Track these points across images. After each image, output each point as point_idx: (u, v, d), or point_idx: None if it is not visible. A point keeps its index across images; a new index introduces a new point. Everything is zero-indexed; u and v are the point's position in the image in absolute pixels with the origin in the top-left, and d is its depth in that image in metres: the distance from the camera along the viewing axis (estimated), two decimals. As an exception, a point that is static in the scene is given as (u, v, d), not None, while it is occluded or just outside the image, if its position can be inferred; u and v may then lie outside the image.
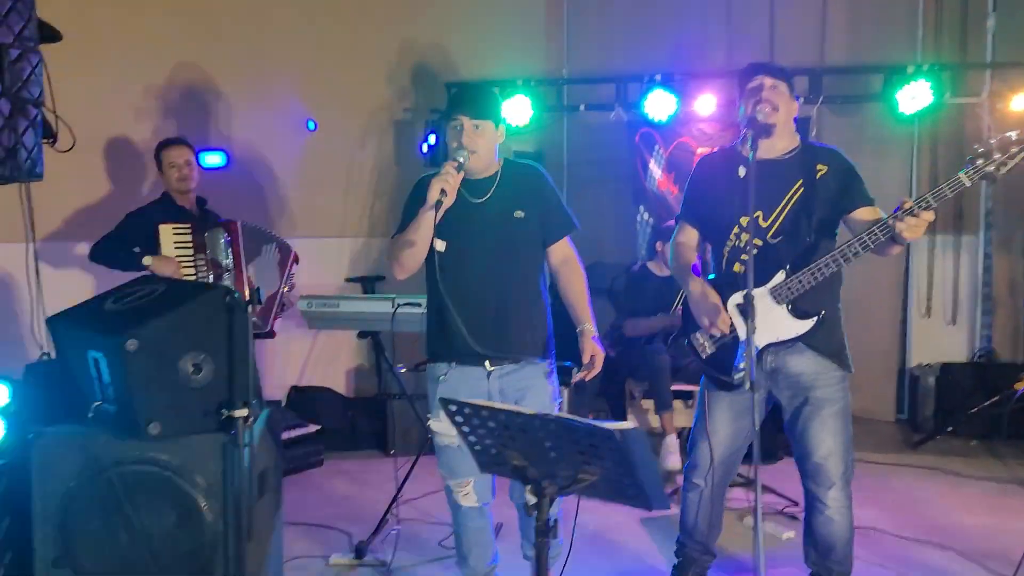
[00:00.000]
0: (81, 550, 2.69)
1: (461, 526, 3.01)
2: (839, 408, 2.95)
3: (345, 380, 6.02)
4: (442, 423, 2.89)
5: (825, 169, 2.97)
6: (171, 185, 4.16)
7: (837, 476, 2.95)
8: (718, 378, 3.04)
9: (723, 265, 3.04)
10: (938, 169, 5.95)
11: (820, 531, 3.00)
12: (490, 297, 2.85)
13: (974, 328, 5.96)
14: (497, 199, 2.87)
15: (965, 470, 4.87)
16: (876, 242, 2.76)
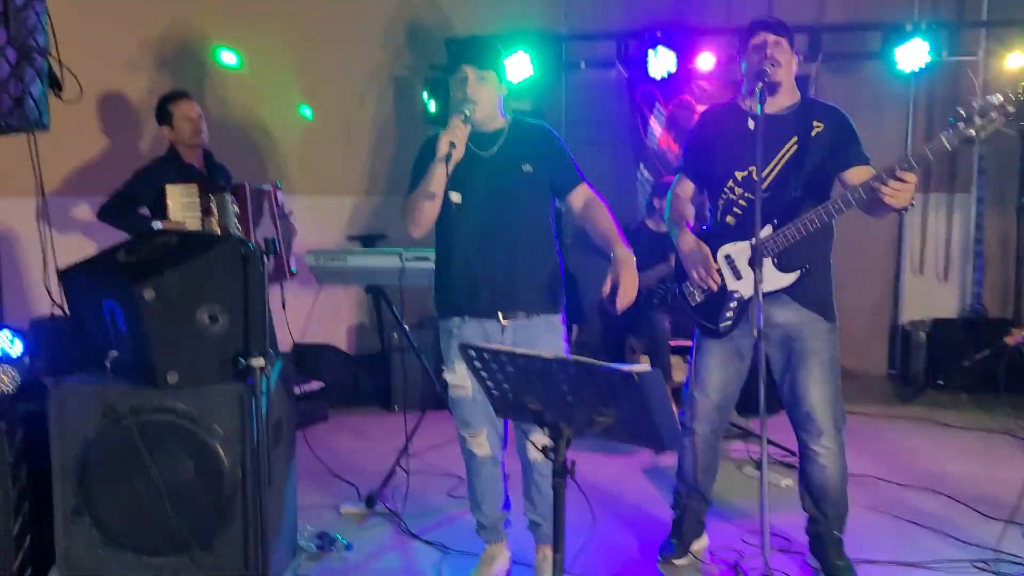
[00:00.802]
0: (99, 499, 2.75)
1: (475, 475, 3.07)
2: (826, 358, 3.02)
3: (347, 337, 6.07)
4: (456, 375, 2.94)
5: (821, 126, 3.01)
6: (184, 139, 4.11)
7: (827, 424, 3.02)
8: (705, 326, 3.11)
9: (717, 217, 3.10)
10: (934, 127, 6.00)
11: (814, 478, 3.08)
12: (499, 250, 2.86)
13: (965, 285, 6.05)
14: (504, 153, 2.88)
15: (955, 421, 4.98)
16: (860, 200, 2.82)
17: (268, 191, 4.10)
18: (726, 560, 3.23)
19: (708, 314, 3.09)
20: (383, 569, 3.21)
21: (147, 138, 4.83)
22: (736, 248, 3.04)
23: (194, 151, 4.16)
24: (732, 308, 3.06)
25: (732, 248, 3.04)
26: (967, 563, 3.16)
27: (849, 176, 3.00)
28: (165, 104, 4.16)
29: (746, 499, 3.83)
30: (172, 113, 4.12)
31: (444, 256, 2.96)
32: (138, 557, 2.76)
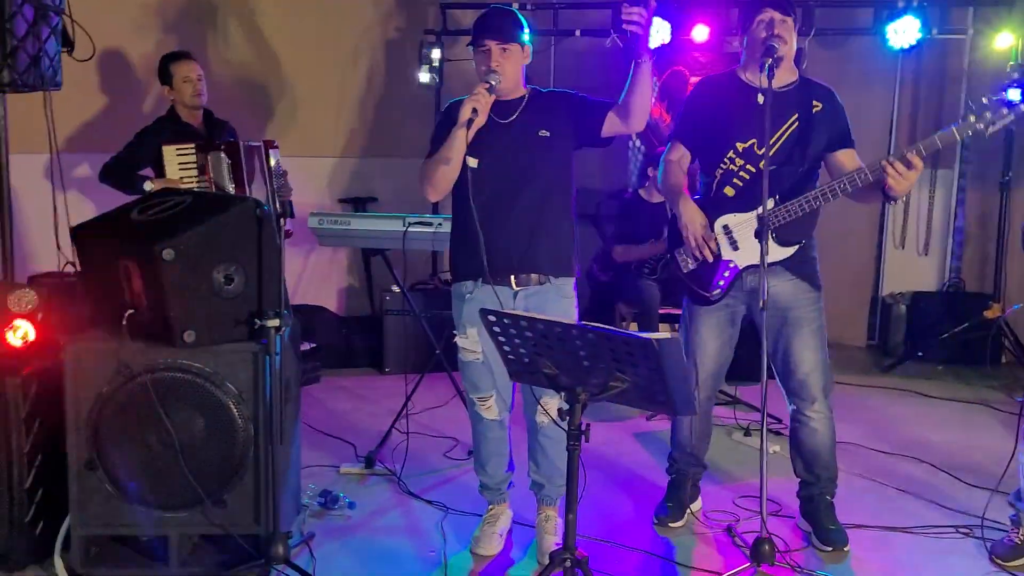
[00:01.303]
0: (113, 453, 2.78)
1: (482, 437, 3.14)
2: (816, 327, 3.12)
3: (337, 299, 6.08)
4: (468, 339, 3.00)
5: (820, 106, 3.09)
6: (184, 100, 4.12)
7: (819, 390, 3.12)
8: (697, 292, 3.18)
9: (713, 187, 3.15)
10: (919, 104, 6.08)
11: (806, 442, 3.18)
12: (514, 215, 2.92)
13: (945, 259, 6.19)
14: (522, 120, 2.93)
15: (933, 392, 5.13)
16: (865, 182, 2.91)
17: (258, 147, 4.10)
18: (719, 523, 3.34)
19: (700, 281, 3.16)
20: (386, 527, 3.28)
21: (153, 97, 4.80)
22: (736, 219, 3.10)
23: (194, 112, 4.16)
24: (725, 277, 3.13)
25: (731, 219, 3.11)
26: (952, 528, 3.30)
27: (836, 159, 3.10)
28: (166, 64, 4.15)
29: (736, 464, 3.95)
30: (172, 74, 4.12)
31: (461, 220, 2.99)
32: (151, 511, 2.80)
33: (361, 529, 3.25)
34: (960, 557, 3.10)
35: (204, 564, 2.87)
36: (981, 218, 6.05)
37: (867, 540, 3.20)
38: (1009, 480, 3.18)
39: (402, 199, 5.85)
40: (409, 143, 6.10)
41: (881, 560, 3.07)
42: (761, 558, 2.86)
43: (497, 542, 3.11)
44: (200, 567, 2.85)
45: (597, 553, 3.03)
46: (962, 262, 6.13)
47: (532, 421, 3.05)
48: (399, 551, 3.09)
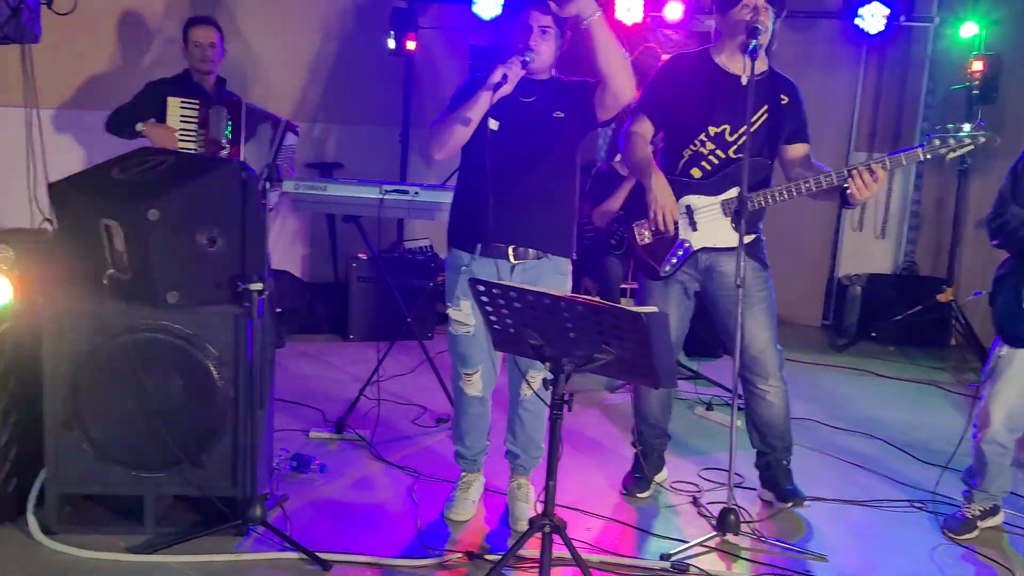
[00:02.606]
0: (90, 413, 2.76)
1: (462, 412, 3.17)
2: (767, 304, 3.22)
3: (300, 265, 6.04)
4: (461, 312, 3.01)
5: (787, 100, 3.17)
6: (192, 63, 4.24)
7: (772, 365, 3.23)
8: (648, 265, 3.25)
9: (679, 166, 3.18)
10: (882, 90, 6.20)
11: (762, 415, 3.29)
12: (520, 186, 2.93)
13: (901, 243, 6.36)
14: (541, 100, 2.96)
15: (885, 371, 5.31)
16: (830, 185, 3.02)
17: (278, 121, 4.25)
18: (685, 494, 3.44)
19: (653, 255, 3.22)
20: (358, 491, 3.31)
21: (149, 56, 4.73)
22: (700, 201, 3.15)
23: (205, 76, 4.27)
24: (678, 255, 3.20)
25: (696, 200, 3.15)
26: (906, 503, 3.44)
27: (790, 151, 3.20)
28: (185, 27, 4.29)
29: (698, 438, 4.05)
30: (188, 37, 4.25)
31: (469, 185, 3.01)
32: (127, 471, 2.80)
33: (334, 492, 3.28)
34: (914, 530, 3.24)
35: (179, 525, 2.87)
36: (937, 204, 6.23)
37: (826, 512, 3.33)
38: (960, 458, 3.33)
39: (369, 166, 5.82)
40: (377, 110, 6.07)
41: (839, 531, 3.19)
42: (727, 527, 2.97)
43: (471, 508, 3.16)
44: (175, 528, 2.85)
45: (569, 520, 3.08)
46: (917, 246, 6.31)
47: (515, 393, 3.10)
48: (372, 514, 3.13)
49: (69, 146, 4.21)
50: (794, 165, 3.19)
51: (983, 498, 3.20)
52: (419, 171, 6.24)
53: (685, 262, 3.20)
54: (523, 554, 2.74)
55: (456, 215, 3.09)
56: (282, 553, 2.77)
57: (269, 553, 2.77)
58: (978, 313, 5.85)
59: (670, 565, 2.85)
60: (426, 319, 5.28)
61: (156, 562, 2.70)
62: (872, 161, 2.95)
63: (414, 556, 2.84)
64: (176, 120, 3.99)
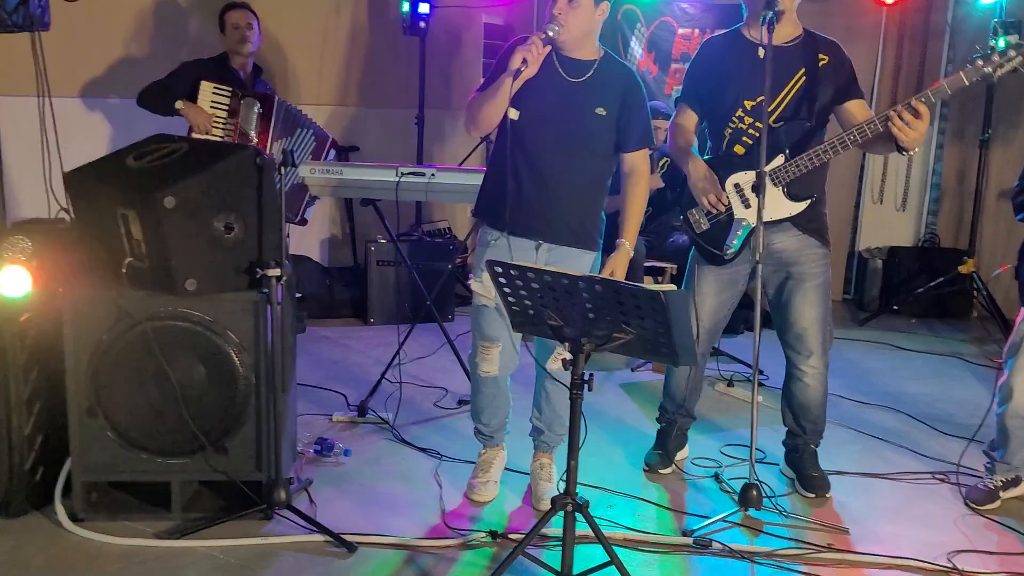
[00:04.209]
0: (113, 401, 2.78)
1: (476, 390, 3.17)
2: (820, 282, 3.16)
3: (320, 249, 6.06)
4: (483, 285, 2.98)
5: (827, 59, 3.09)
6: (231, 46, 4.30)
7: (816, 345, 3.18)
8: (710, 252, 3.21)
9: (723, 146, 3.16)
10: (902, 59, 6.12)
11: (798, 395, 3.25)
12: (550, 179, 2.89)
13: (922, 215, 6.29)
14: (588, 87, 2.87)
15: (908, 344, 5.27)
16: (874, 132, 2.90)
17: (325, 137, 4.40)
18: (707, 470, 3.43)
19: (714, 241, 3.18)
20: (382, 474, 3.33)
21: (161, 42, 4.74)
22: (745, 177, 3.10)
23: (241, 60, 4.33)
24: (738, 235, 3.14)
25: (741, 177, 3.11)
26: (928, 475, 3.42)
27: (846, 110, 3.09)
28: (223, 11, 4.37)
29: (720, 414, 4.04)
30: (225, 21, 4.33)
31: (497, 166, 2.98)
32: (152, 458, 2.82)
33: (358, 476, 3.30)
34: (937, 502, 3.23)
35: (205, 510, 2.90)
36: (959, 175, 6.15)
37: (848, 486, 3.32)
38: (984, 430, 3.30)
39: (385, 149, 5.82)
40: (392, 92, 6.06)
41: (862, 504, 3.18)
42: (749, 503, 2.96)
43: (493, 489, 3.17)
44: (201, 513, 2.88)
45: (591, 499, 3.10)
46: (938, 218, 6.24)
47: (541, 368, 3.08)
48: (396, 496, 3.14)
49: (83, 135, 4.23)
50: (853, 123, 3.05)
51: (1005, 470, 3.17)
52: (436, 153, 6.24)
53: (747, 242, 3.12)
54: (546, 532, 2.75)
55: (484, 192, 3.06)
56: (308, 536, 2.80)
57: (295, 536, 2.80)
58: (1000, 285, 5.79)
59: (692, 541, 2.85)
60: (446, 301, 5.30)
61: (184, 547, 2.73)
62: (913, 98, 2.84)
63: (438, 537, 2.85)
64: (207, 105, 4.05)
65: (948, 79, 2.84)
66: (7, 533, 2.77)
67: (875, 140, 2.94)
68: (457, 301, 5.62)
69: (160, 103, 4.10)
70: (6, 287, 2.80)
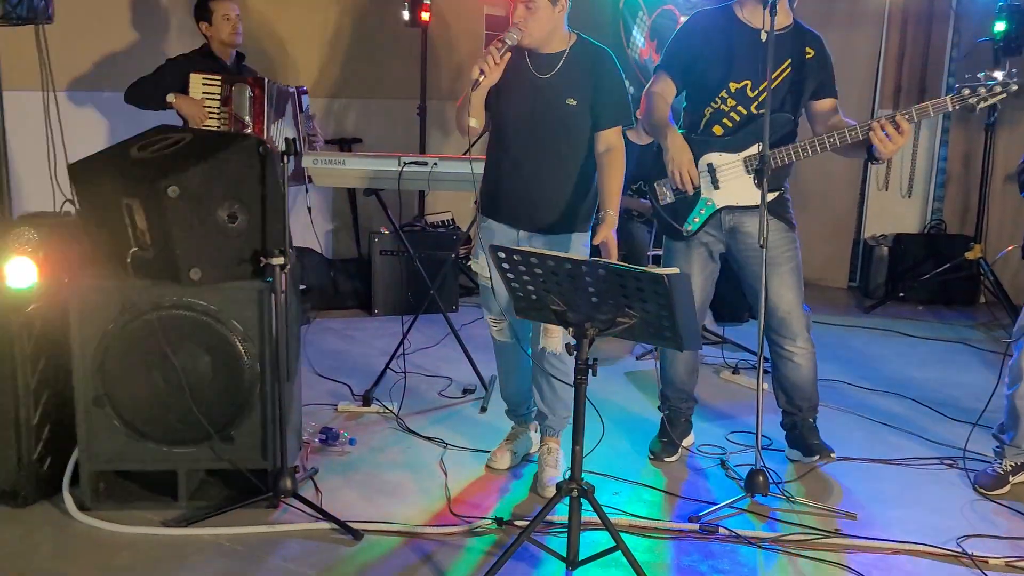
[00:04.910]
0: (120, 390, 2.79)
1: (499, 355, 3.29)
2: (794, 265, 3.18)
3: (323, 241, 6.06)
4: (478, 263, 3.14)
5: (812, 53, 3.10)
6: (222, 37, 4.21)
7: (800, 326, 3.20)
8: (671, 225, 3.22)
9: (700, 124, 3.15)
10: (906, 44, 6.09)
11: (789, 376, 3.27)
12: (530, 172, 2.98)
13: (928, 201, 6.27)
14: (557, 81, 2.94)
15: (914, 332, 5.25)
16: (855, 140, 2.95)
17: (292, 92, 4.22)
18: (712, 457, 3.43)
19: (675, 215, 3.20)
20: (388, 463, 3.34)
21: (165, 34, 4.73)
22: (721, 159, 3.12)
23: (228, 50, 4.26)
24: (700, 214, 3.16)
25: (717, 158, 3.12)
26: (936, 460, 3.42)
27: (818, 106, 3.14)
28: (206, 2, 4.24)
29: (725, 402, 4.04)
30: (213, 11, 4.21)
31: (488, 159, 3.12)
32: (158, 447, 2.83)
33: (363, 465, 3.30)
34: (944, 487, 3.22)
35: (212, 499, 2.91)
36: (965, 160, 6.12)
37: (854, 472, 3.32)
38: (991, 414, 3.29)
39: (387, 140, 5.81)
40: (394, 83, 6.05)
41: (869, 490, 3.17)
42: (755, 488, 2.96)
43: (509, 459, 3.26)
44: (208, 502, 2.89)
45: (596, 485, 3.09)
46: (944, 203, 6.21)
47: (536, 349, 3.12)
48: (402, 485, 3.15)
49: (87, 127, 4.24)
50: (822, 121, 3.12)
51: (1015, 453, 3.17)
52: (438, 144, 6.23)
53: (708, 221, 3.16)
54: (552, 519, 2.75)
55: (482, 187, 3.16)
56: (314, 524, 2.81)
57: (302, 524, 2.81)
58: (1008, 270, 5.77)
59: (699, 527, 2.85)
60: (450, 292, 5.30)
61: (191, 535, 2.74)
62: (898, 113, 2.89)
63: (444, 524, 2.86)
64: (199, 97, 4.00)
65: (934, 103, 2.91)
66: (16, 522, 2.79)
67: (850, 146, 2.99)
68: (461, 291, 5.62)
69: (150, 98, 4.04)
70: (13, 278, 2.81)
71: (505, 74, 2.90)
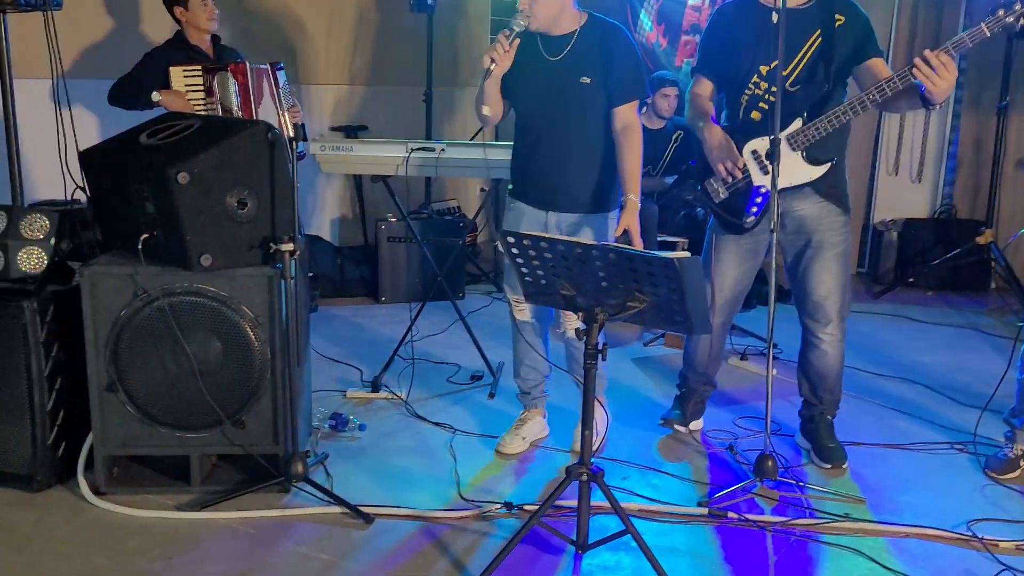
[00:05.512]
0: (133, 376, 2.81)
1: (515, 337, 3.31)
2: (841, 251, 3.13)
3: (330, 229, 6.07)
4: None
5: (843, 19, 3.04)
6: (199, 23, 4.07)
7: (834, 314, 3.16)
8: (730, 221, 3.18)
9: (740, 113, 3.14)
10: (917, 23, 6.03)
11: (815, 364, 3.24)
12: (549, 154, 3.02)
13: (938, 186, 6.24)
14: (569, 61, 2.97)
15: (924, 317, 5.23)
16: (894, 90, 2.84)
17: (265, 70, 4.06)
18: (721, 442, 3.44)
19: (733, 210, 3.16)
20: (397, 448, 3.35)
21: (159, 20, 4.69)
22: (763, 144, 3.05)
23: (203, 35, 4.13)
24: (757, 203, 3.11)
25: (759, 144, 3.07)
26: (947, 445, 3.41)
27: (865, 68, 3.03)
28: None
29: (734, 387, 4.04)
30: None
31: (515, 147, 3.19)
32: (171, 431, 2.85)
33: (373, 450, 3.32)
34: (955, 471, 3.22)
35: (224, 483, 2.93)
36: (976, 144, 6.08)
37: (864, 457, 3.31)
38: (1001, 399, 3.28)
39: (393, 127, 5.81)
40: (401, 70, 6.04)
41: (878, 475, 3.17)
42: (764, 473, 2.96)
43: (520, 444, 3.29)
44: (220, 486, 2.91)
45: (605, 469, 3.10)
46: (955, 188, 6.18)
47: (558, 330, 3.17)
48: (412, 470, 3.16)
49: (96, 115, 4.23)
50: (871, 81, 2.99)
51: (1026, 437, 3.16)
52: (445, 130, 6.22)
53: (766, 210, 3.10)
54: (561, 503, 2.76)
55: (511, 166, 3.22)
56: (326, 508, 2.83)
57: (313, 508, 2.83)
58: (1019, 255, 5.74)
59: (708, 511, 2.86)
60: (457, 278, 5.30)
61: (205, 519, 2.76)
62: (934, 51, 2.73)
63: (454, 508, 2.87)
64: (182, 90, 3.89)
65: (969, 31, 2.77)
66: (32, 506, 2.82)
67: (896, 98, 2.88)
68: (468, 279, 5.63)
69: (134, 98, 3.91)
70: (25, 265, 2.83)
71: (518, 59, 2.93)
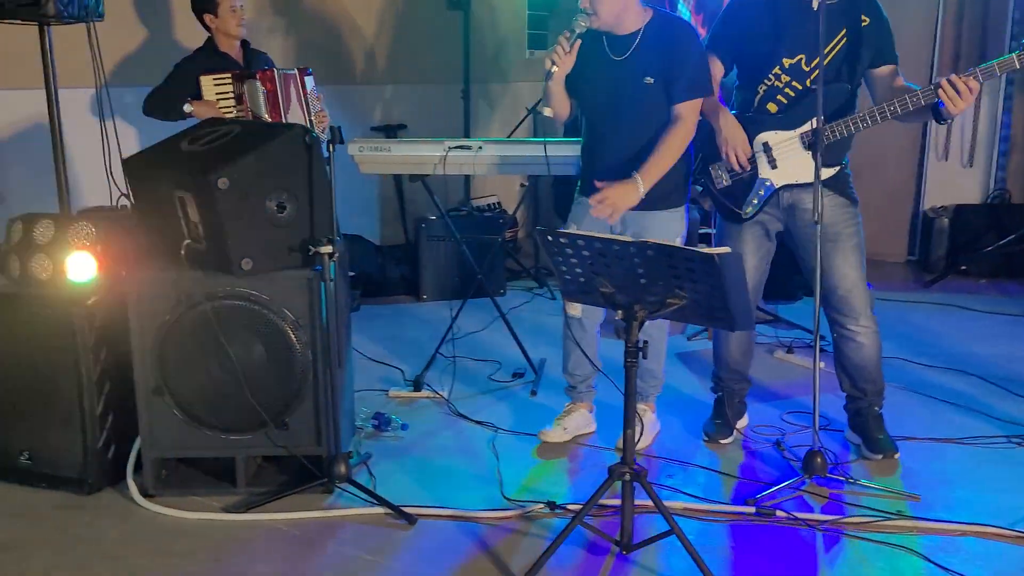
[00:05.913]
0: (179, 380, 2.85)
1: (565, 334, 3.31)
2: (856, 242, 3.09)
3: (371, 228, 6.10)
4: None
5: (868, 20, 2.99)
6: (228, 29, 4.09)
7: (862, 305, 3.10)
8: (729, 209, 3.16)
9: (754, 102, 3.08)
10: (963, 12, 5.88)
11: (852, 358, 3.17)
12: (613, 153, 3.04)
13: (990, 170, 6.06)
14: (633, 61, 2.97)
15: (977, 306, 5.09)
16: (917, 105, 2.85)
17: (293, 75, 4.08)
18: (768, 438, 3.38)
19: (733, 198, 3.13)
20: (439, 447, 3.36)
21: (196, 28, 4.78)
22: (776, 137, 3.04)
23: (232, 41, 4.15)
24: (759, 196, 3.10)
25: (772, 136, 3.05)
26: (1003, 438, 3.32)
27: (878, 74, 3.02)
28: None
29: (780, 382, 3.97)
30: (219, 2, 4.07)
31: (583, 144, 3.23)
32: (216, 434, 2.89)
33: (415, 449, 3.33)
34: (1012, 466, 3.13)
35: (269, 484, 2.96)
36: (1028, 127, 5.91)
37: (917, 452, 3.23)
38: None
39: (431, 125, 5.81)
40: (437, 68, 6.04)
41: (931, 471, 3.10)
42: (813, 470, 2.91)
43: (560, 434, 3.32)
44: (265, 487, 2.94)
45: (650, 467, 3.08)
46: (1008, 172, 6.00)
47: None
48: (454, 469, 3.17)
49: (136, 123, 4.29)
50: (882, 88, 3.01)
51: (1086, 430, 3.06)
52: (483, 127, 6.22)
53: (767, 202, 3.09)
54: (605, 502, 2.74)
55: (580, 163, 3.27)
56: (369, 509, 2.84)
57: (357, 509, 2.84)
58: (1077, 240, 5.56)
59: (755, 510, 2.81)
60: (497, 276, 5.29)
61: (251, 520, 2.79)
62: (964, 75, 2.77)
63: (497, 508, 2.87)
64: (213, 99, 3.92)
65: (1000, 61, 2.77)
66: (83, 509, 2.88)
67: (913, 111, 2.88)
68: (508, 275, 5.61)
69: (168, 110, 3.95)
70: (74, 272, 2.89)
71: (584, 58, 2.95)
